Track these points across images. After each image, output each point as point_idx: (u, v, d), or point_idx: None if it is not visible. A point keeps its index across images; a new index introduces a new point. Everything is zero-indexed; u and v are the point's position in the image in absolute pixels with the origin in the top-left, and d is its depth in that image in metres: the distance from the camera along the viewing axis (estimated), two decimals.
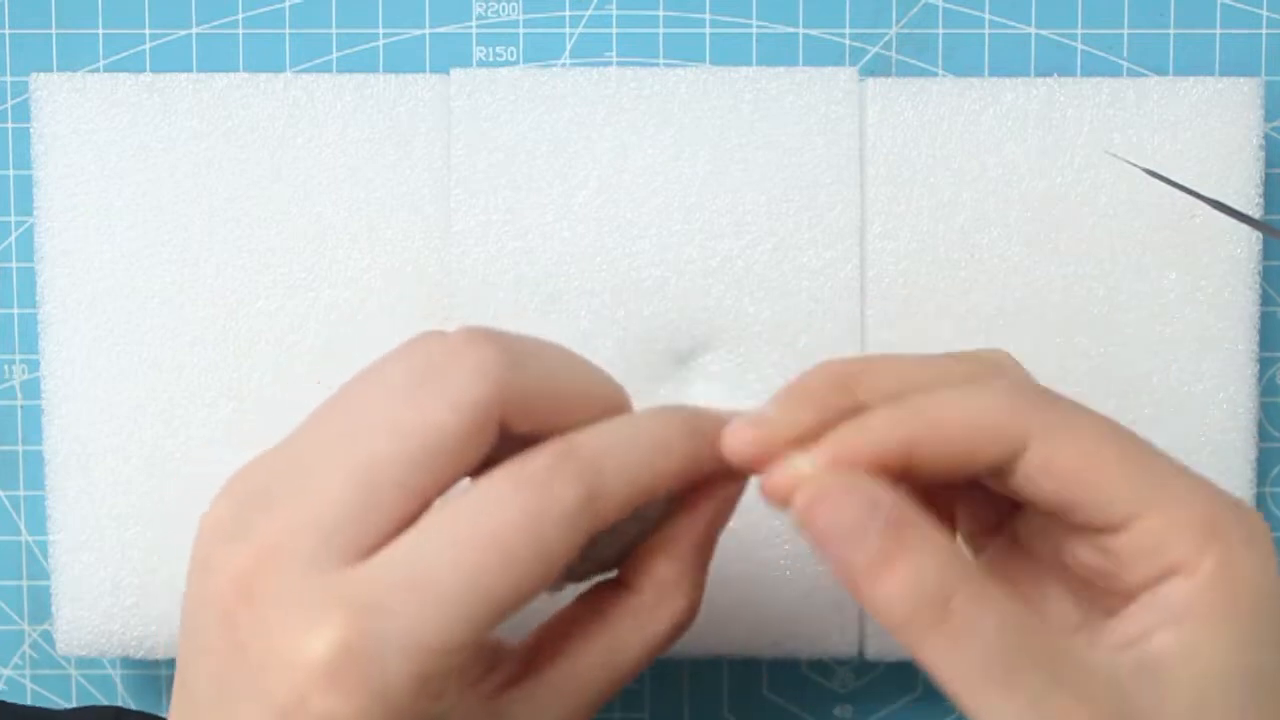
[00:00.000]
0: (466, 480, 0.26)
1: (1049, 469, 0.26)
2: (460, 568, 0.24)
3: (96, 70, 0.40)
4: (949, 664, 0.25)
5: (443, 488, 0.25)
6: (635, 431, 0.26)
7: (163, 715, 0.38)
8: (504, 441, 0.26)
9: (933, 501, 0.27)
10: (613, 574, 0.29)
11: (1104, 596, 0.27)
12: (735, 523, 0.37)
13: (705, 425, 0.27)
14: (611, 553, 0.28)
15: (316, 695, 0.24)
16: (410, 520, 0.25)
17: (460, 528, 0.24)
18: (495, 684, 0.27)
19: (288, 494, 0.25)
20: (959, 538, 0.31)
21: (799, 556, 0.37)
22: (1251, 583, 0.25)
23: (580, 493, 0.25)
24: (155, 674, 0.41)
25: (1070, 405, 0.27)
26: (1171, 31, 0.40)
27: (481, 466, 0.26)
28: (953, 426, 0.26)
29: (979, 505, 0.29)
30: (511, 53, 0.40)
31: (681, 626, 0.28)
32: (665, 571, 0.28)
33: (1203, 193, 0.32)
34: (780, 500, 0.26)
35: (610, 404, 0.28)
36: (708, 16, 0.40)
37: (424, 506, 0.25)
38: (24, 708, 0.38)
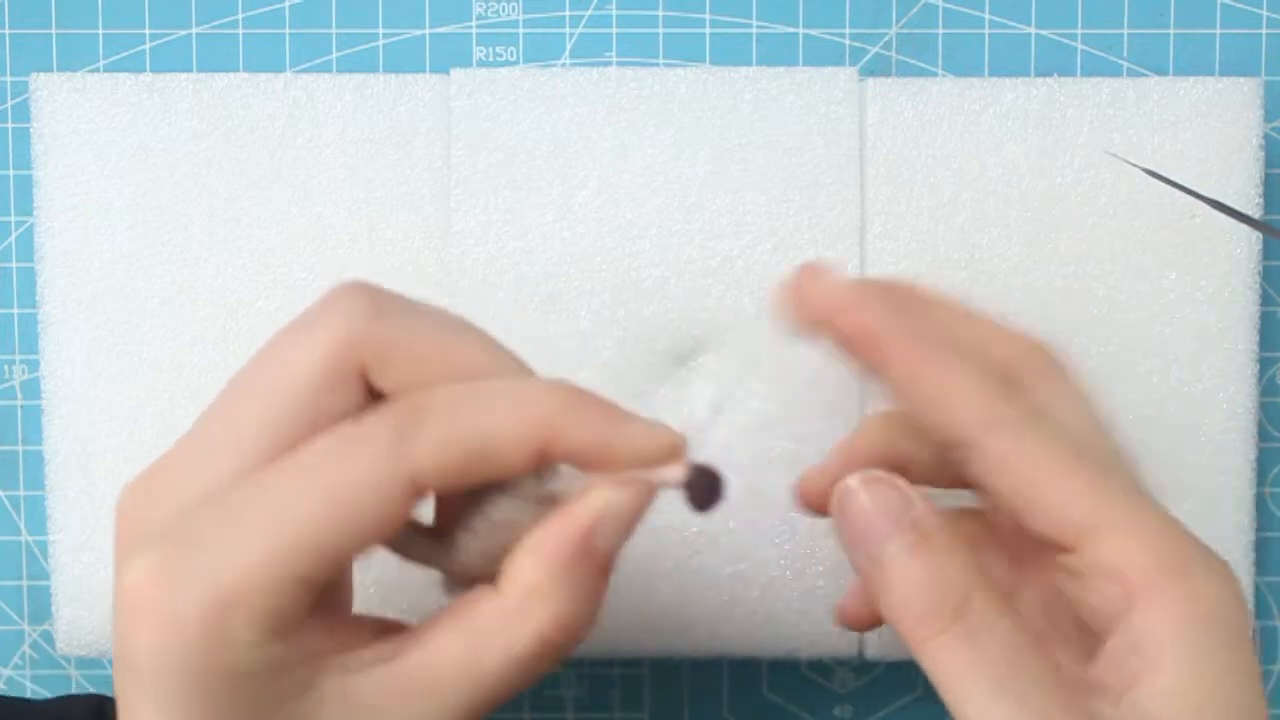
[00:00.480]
0: None
1: (1004, 465, 0.26)
2: (267, 505, 0.24)
3: (96, 70, 0.40)
4: (958, 666, 0.25)
5: (304, 431, 0.25)
6: (487, 388, 0.25)
7: None
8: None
9: None
10: None
11: (1088, 645, 0.27)
12: (734, 522, 0.37)
13: (598, 408, 0.25)
14: (493, 545, 0.27)
15: (126, 629, 0.24)
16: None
17: (279, 471, 0.24)
18: (354, 663, 0.25)
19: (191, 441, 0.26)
20: None
21: (799, 556, 0.37)
22: (1219, 618, 0.25)
23: (388, 431, 0.24)
24: None
25: (1050, 423, 0.28)
26: (1171, 31, 0.40)
27: None
28: (926, 386, 0.27)
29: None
30: (511, 53, 0.40)
31: (551, 641, 0.25)
32: (529, 574, 0.25)
33: (1203, 193, 0.32)
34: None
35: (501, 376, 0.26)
36: (708, 16, 0.40)
37: (284, 450, 0.25)
38: (5, 698, 0.38)
